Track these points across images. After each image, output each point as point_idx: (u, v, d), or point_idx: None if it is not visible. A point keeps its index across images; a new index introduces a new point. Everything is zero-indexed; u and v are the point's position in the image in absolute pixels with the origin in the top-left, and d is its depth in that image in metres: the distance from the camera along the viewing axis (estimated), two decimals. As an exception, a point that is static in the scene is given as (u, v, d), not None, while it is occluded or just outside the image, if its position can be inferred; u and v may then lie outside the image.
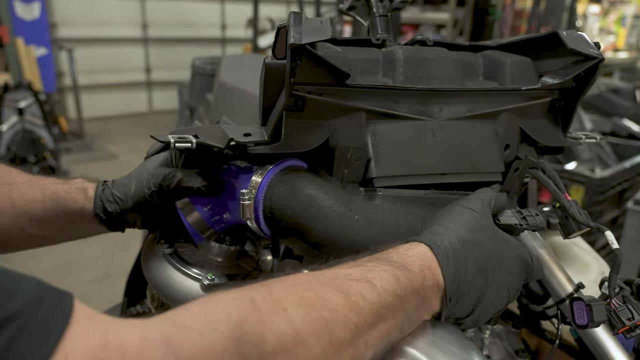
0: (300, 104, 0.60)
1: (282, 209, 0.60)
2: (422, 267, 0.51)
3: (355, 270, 0.49)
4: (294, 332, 0.41)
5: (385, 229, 0.59)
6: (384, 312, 0.47)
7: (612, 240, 0.64)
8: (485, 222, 0.58)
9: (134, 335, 0.34)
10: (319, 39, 0.53)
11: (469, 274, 0.53)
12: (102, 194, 0.68)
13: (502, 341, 0.87)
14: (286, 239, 0.63)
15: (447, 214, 0.59)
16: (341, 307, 0.44)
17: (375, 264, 0.50)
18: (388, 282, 0.48)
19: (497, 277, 0.55)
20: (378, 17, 0.80)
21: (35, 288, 0.34)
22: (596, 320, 0.61)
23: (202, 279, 0.68)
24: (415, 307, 0.50)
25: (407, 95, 0.66)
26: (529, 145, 0.76)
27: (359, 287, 0.46)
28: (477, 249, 0.54)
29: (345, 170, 0.63)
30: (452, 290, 0.52)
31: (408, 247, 0.54)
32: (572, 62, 0.69)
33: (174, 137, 0.61)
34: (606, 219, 2.50)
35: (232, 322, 0.38)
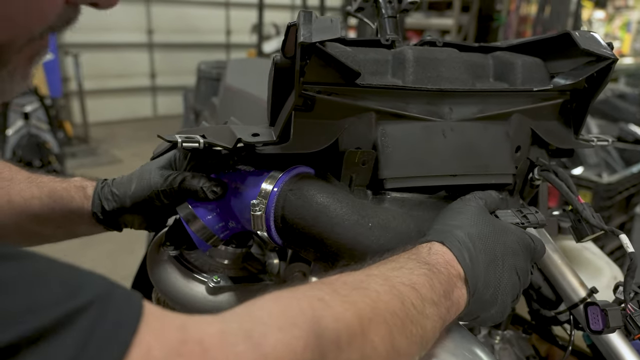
0: (309, 104, 0.59)
1: (294, 218, 0.59)
2: (446, 264, 0.52)
3: (400, 274, 0.49)
4: (362, 330, 0.41)
5: (398, 235, 0.59)
6: (426, 323, 0.47)
7: (628, 243, 0.62)
8: (482, 215, 0.59)
9: (213, 330, 0.34)
10: (329, 38, 0.53)
11: (482, 266, 0.54)
12: (101, 192, 0.68)
13: (513, 347, 0.86)
14: (299, 247, 0.62)
15: (445, 215, 0.60)
16: (399, 312, 0.45)
17: (413, 266, 0.50)
18: (427, 289, 0.48)
19: (506, 263, 0.56)
20: (387, 18, 0.80)
21: (104, 283, 0.33)
22: (612, 325, 0.60)
23: (207, 282, 0.67)
24: (447, 310, 0.50)
25: (417, 96, 0.65)
26: (540, 148, 0.75)
27: (409, 294, 0.47)
28: (482, 240, 0.55)
29: (353, 174, 0.63)
30: (473, 280, 0.52)
31: (428, 246, 0.54)
32: (585, 63, 0.68)
33: (181, 137, 0.60)
34: (614, 224, 2.47)
35: (310, 317, 0.38)
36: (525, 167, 0.74)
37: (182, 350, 0.31)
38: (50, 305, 0.29)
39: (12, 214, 0.68)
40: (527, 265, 0.59)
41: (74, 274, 0.33)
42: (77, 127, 5.86)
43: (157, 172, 0.66)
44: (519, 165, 0.73)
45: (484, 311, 0.55)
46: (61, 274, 0.32)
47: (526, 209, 0.65)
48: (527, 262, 0.59)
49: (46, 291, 0.30)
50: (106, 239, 0.72)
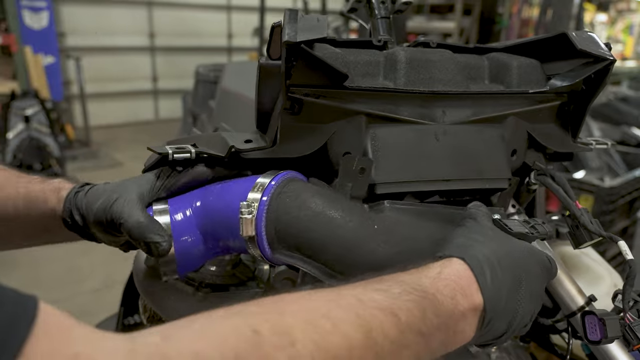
0: (296, 107, 0.57)
1: (289, 221, 0.53)
2: (453, 292, 0.46)
3: (381, 297, 0.43)
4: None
5: (405, 239, 0.54)
6: (404, 351, 0.42)
7: (626, 250, 0.60)
8: (502, 233, 0.55)
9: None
10: (314, 37, 0.51)
11: (506, 290, 0.48)
12: (73, 198, 0.61)
13: (510, 355, 0.83)
14: (293, 259, 0.56)
15: (466, 228, 0.54)
16: (358, 345, 0.39)
17: (402, 290, 0.44)
18: (413, 317, 0.43)
19: (527, 289, 0.51)
20: (380, 19, 0.78)
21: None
22: (610, 335, 0.57)
23: (194, 290, 0.65)
24: (441, 343, 0.45)
25: (408, 98, 0.63)
26: (537, 151, 0.73)
27: (382, 320, 0.41)
28: (509, 261, 0.50)
29: (350, 183, 0.59)
30: (490, 308, 0.47)
31: (440, 267, 0.48)
32: (582, 64, 0.66)
33: (171, 148, 0.57)
34: (616, 229, 2.45)
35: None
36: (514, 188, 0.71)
37: None
38: None
39: None
40: (543, 290, 0.54)
41: None
42: (78, 130, 5.86)
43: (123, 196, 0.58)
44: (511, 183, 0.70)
45: (493, 338, 0.50)
46: None
47: (534, 220, 0.62)
48: (543, 287, 0.55)
49: None
50: (102, 245, 0.67)
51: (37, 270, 2.85)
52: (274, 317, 0.37)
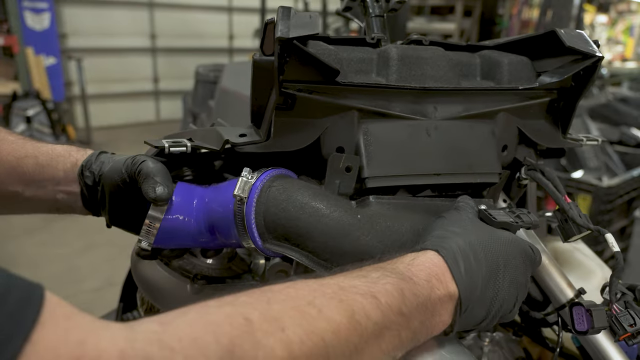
0: (290, 102, 0.59)
1: (277, 212, 0.56)
2: (429, 276, 0.48)
3: (360, 282, 0.45)
4: (289, 356, 0.37)
5: (388, 229, 0.56)
6: (386, 332, 0.44)
7: (613, 242, 0.61)
8: (481, 224, 0.56)
9: (114, 348, 0.31)
10: (307, 34, 0.52)
11: (481, 279, 0.50)
12: (91, 158, 0.65)
13: (502, 349, 0.85)
14: (281, 248, 0.58)
15: (445, 220, 0.56)
16: (343, 327, 0.41)
17: (380, 275, 0.47)
18: (392, 298, 0.45)
19: (507, 276, 0.53)
20: (374, 17, 0.79)
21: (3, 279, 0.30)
22: (596, 326, 0.59)
23: (191, 282, 0.67)
24: (422, 323, 0.47)
25: (400, 94, 0.64)
26: (528, 147, 0.74)
27: (364, 303, 0.43)
28: (485, 251, 0.52)
29: (338, 180, 0.61)
30: (466, 297, 0.49)
31: (414, 255, 0.51)
32: (571, 61, 0.67)
33: (168, 142, 0.59)
34: (614, 228, 2.46)
35: (222, 346, 0.35)
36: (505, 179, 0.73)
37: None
38: None
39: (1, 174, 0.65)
40: (526, 278, 0.56)
41: None
42: (79, 131, 5.89)
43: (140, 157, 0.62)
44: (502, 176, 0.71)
45: (474, 324, 0.52)
46: None
47: (519, 209, 0.63)
48: (526, 276, 0.56)
49: None
50: (105, 243, 0.68)
51: (37, 270, 2.86)
52: (262, 305, 0.39)
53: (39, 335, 0.29)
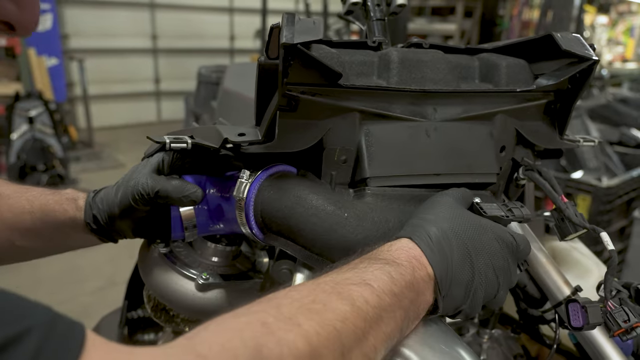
0: (293, 104, 0.60)
1: (272, 211, 0.61)
2: (409, 258, 0.52)
3: (351, 274, 0.49)
4: (310, 347, 0.41)
5: (375, 225, 0.59)
6: (385, 315, 0.47)
7: (608, 241, 0.63)
8: (458, 211, 0.59)
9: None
10: (310, 39, 0.54)
11: (454, 261, 0.53)
12: (92, 202, 0.67)
13: (501, 346, 0.86)
14: (278, 241, 0.63)
15: (422, 207, 0.60)
16: (349, 315, 0.44)
17: (367, 264, 0.50)
18: (383, 282, 0.48)
19: (480, 261, 0.55)
20: (375, 20, 0.81)
21: (47, 312, 0.33)
22: (591, 322, 0.60)
23: (197, 279, 0.69)
24: (411, 302, 0.50)
25: (401, 97, 0.66)
26: (526, 148, 0.75)
27: (360, 291, 0.46)
28: (456, 236, 0.55)
29: (333, 172, 0.64)
30: (442, 277, 0.52)
31: (391, 243, 0.54)
32: (567, 64, 0.69)
33: (169, 138, 0.62)
34: (614, 228, 2.47)
35: (250, 348, 0.38)
36: (509, 167, 0.75)
37: None
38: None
39: (3, 230, 0.67)
40: (506, 263, 0.58)
41: (18, 300, 0.33)
42: (81, 131, 5.91)
43: (141, 178, 0.65)
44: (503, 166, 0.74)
45: (455, 308, 0.55)
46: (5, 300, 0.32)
47: (512, 203, 0.65)
48: (506, 261, 0.58)
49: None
50: (103, 246, 0.71)
51: (38, 271, 2.88)
52: (274, 310, 0.43)
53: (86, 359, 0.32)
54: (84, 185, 4.52)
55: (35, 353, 0.30)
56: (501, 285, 0.57)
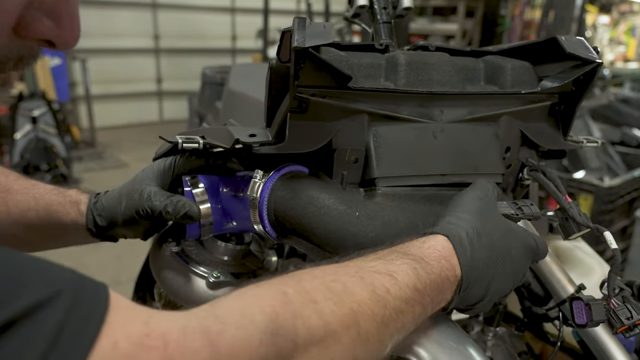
0: (304, 106, 0.62)
1: (285, 211, 0.63)
2: (439, 258, 0.53)
3: (377, 263, 0.50)
4: (324, 323, 0.42)
5: (385, 224, 0.61)
6: (405, 307, 0.48)
7: (611, 240, 0.64)
8: (493, 211, 0.60)
9: (175, 325, 0.36)
10: (321, 43, 0.55)
11: (482, 263, 0.55)
12: (94, 208, 0.69)
13: (505, 344, 0.88)
14: (291, 240, 0.65)
15: (458, 203, 0.60)
16: (368, 300, 0.46)
17: (395, 257, 0.52)
18: (408, 276, 0.49)
19: (504, 266, 0.57)
20: (382, 23, 0.82)
21: (73, 275, 0.35)
22: (595, 319, 0.62)
23: (207, 277, 0.70)
24: (432, 300, 0.52)
25: (408, 98, 0.67)
26: (530, 149, 0.77)
27: (383, 281, 0.48)
28: (488, 238, 0.56)
29: (344, 172, 0.66)
30: (467, 278, 0.54)
31: (425, 239, 0.55)
32: (571, 67, 0.70)
33: (181, 138, 0.63)
34: (616, 228, 2.49)
35: (267, 315, 0.40)
36: (517, 167, 0.77)
37: (145, 343, 0.34)
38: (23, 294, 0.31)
39: (9, 224, 0.69)
40: (525, 269, 0.60)
41: (44, 265, 0.34)
42: (84, 131, 5.93)
43: (145, 190, 0.66)
44: (512, 166, 0.75)
45: (467, 305, 0.57)
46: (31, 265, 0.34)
47: (522, 201, 0.67)
48: (526, 267, 0.60)
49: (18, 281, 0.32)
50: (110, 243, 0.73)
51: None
52: (295, 283, 0.44)
53: (112, 319, 0.34)
54: (86, 184, 4.53)
55: (65, 315, 0.32)
56: (512, 287, 0.59)
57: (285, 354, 0.40)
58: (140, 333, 0.34)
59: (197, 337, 0.36)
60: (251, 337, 0.38)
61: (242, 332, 0.38)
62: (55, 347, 0.30)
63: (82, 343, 0.31)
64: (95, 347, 0.32)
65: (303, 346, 0.41)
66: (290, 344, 0.40)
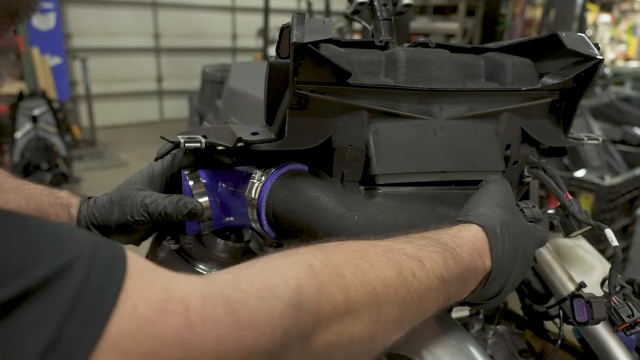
0: (303, 103, 0.61)
1: (284, 212, 0.62)
2: (470, 250, 0.53)
3: (407, 246, 0.50)
4: (346, 300, 0.42)
5: (385, 227, 0.60)
6: (429, 293, 0.48)
7: (612, 238, 0.64)
8: (514, 207, 0.61)
9: (195, 292, 0.35)
10: (320, 38, 0.55)
11: (509, 258, 0.55)
12: (87, 213, 0.68)
13: (505, 342, 0.87)
14: (290, 241, 0.65)
15: (487, 195, 0.61)
16: (393, 281, 0.45)
17: (426, 243, 0.51)
18: (436, 264, 0.49)
19: (522, 261, 0.57)
20: (382, 20, 0.82)
21: (89, 239, 0.34)
22: (596, 317, 0.61)
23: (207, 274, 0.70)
24: (456, 290, 0.52)
25: (408, 95, 0.67)
26: (531, 146, 0.76)
27: (410, 264, 0.47)
28: (515, 235, 0.57)
29: (345, 170, 0.65)
30: (495, 272, 0.54)
31: (460, 228, 0.55)
32: (572, 63, 0.69)
33: (183, 138, 0.63)
34: (616, 227, 2.48)
35: (291, 287, 0.39)
36: (523, 164, 0.76)
37: (165, 308, 0.33)
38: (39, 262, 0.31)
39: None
40: (529, 267, 0.61)
41: (59, 230, 0.34)
42: (84, 130, 5.93)
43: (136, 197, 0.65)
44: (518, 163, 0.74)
45: (485, 299, 0.57)
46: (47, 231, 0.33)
47: (523, 203, 0.67)
48: (531, 263, 0.61)
49: (34, 249, 0.31)
50: None
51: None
52: (322, 255, 0.44)
53: (130, 285, 0.33)
54: (87, 183, 4.53)
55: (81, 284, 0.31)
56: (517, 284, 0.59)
57: (307, 327, 0.40)
58: (160, 299, 0.33)
59: (217, 304, 0.35)
60: (273, 308, 0.38)
61: (263, 302, 0.37)
62: (70, 318, 0.30)
63: (99, 312, 0.31)
64: (114, 315, 0.31)
65: (325, 320, 0.41)
66: (313, 317, 0.40)
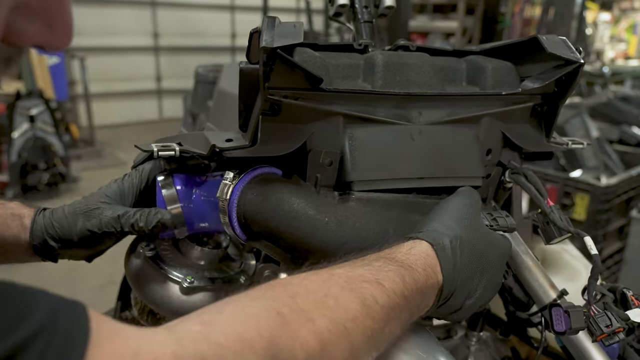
0: (276, 108, 0.60)
1: (254, 214, 0.62)
2: (424, 266, 0.53)
3: (365, 271, 0.50)
4: (320, 344, 0.42)
5: (356, 230, 0.60)
6: (392, 314, 0.48)
7: (591, 245, 0.63)
8: (478, 221, 0.60)
9: (167, 354, 0.33)
10: (290, 43, 0.54)
11: (465, 274, 0.55)
12: (43, 224, 0.65)
13: (489, 348, 0.86)
14: (260, 243, 0.64)
15: (444, 209, 0.60)
16: (359, 314, 0.45)
17: (382, 263, 0.51)
18: (395, 283, 0.49)
19: (484, 278, 0.57)
20: (363, 22, 0.81)
21: (49, 302, 0.31)
22: (574, 327, 0.60)
23: (181, 282, 0.69)
24: (417, 305, 0.52)
25: (385, 100, 0.66)
26: (513, 151, 0.75)
27: (372, 290, 0.47)
28: (472, 249, 0.56)
29: (318, 174, 0.64)
30: (448, 289, 0.54)
31: (411, 245, 0.55)
32: (553, 67, 0.68)
33: (157, 146, 0.62)
34: (612, 227, 2.46)
35: (265, 339, 0.38)
36: (498, 173, 0.75)
37: None
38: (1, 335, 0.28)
39: None
40: (501, 278, 0.61)
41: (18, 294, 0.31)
42: (83, 129, 5.92)
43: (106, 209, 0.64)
44: (491, 175, 0.74)
45: (446, 314, 0.57)
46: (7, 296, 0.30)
47: (497, 212, 0.66)
48: (501, 276, 0.61)
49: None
50: None
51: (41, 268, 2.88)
52: (289, 300, 0.43)
53: (95, 354, 0.30)
54: (85, 183, 4.53)
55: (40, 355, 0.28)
56: (492, 296, 0.59)
57: None
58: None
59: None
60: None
61: (241, 358, 0.36)
62: None
63: None
64: None
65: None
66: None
